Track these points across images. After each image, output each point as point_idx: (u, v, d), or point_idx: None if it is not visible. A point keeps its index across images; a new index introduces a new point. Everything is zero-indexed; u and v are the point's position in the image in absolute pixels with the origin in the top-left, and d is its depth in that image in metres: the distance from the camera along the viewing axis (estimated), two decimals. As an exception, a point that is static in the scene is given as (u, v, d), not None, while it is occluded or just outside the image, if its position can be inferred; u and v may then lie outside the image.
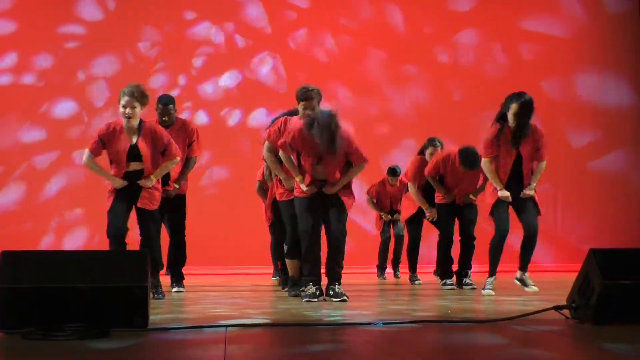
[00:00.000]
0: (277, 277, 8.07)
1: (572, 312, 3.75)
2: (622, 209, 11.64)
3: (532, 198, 6.30)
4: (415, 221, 8.32)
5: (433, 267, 8.72)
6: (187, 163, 6.64)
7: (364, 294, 6.16)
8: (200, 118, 11.73)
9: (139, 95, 5.77)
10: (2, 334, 3.22)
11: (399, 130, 11.83)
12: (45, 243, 10.80)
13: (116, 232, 5.63)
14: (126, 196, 5.70)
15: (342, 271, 5.53)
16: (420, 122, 11.77)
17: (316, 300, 5.21)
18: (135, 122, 5.82)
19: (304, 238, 5.45)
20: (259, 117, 11.82)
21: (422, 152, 8.17)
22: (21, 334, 3.14)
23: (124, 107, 5.73)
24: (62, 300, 3.27)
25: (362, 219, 11.03)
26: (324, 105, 5.93)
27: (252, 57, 12.00)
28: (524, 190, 6.24)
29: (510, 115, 6.36)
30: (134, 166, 5.77)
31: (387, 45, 12.14)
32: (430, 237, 8.68)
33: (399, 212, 9.27)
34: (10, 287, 3.24)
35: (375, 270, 9.67)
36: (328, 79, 11.81)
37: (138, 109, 5.79)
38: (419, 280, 8.24)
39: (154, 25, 11.89)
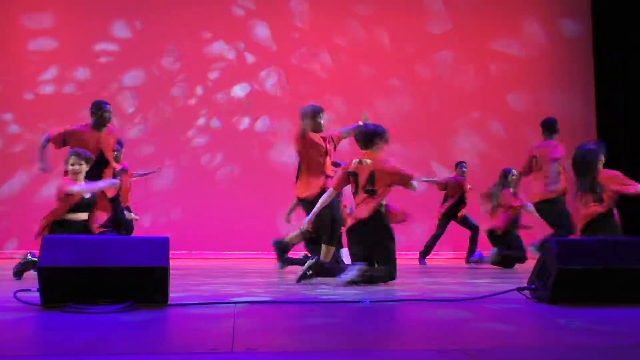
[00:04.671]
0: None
1: (532, 292, 3.77)
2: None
3: None
4: None
5: None
6: None
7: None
8: (215, 123, 11.77)
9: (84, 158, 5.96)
10: (43, 308, 3.23)
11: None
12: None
13: None
14: None
15: None
16: (404, 128, 11.78)
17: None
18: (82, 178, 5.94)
19: None
20: (265, 124, 11.87)
21: None
22: (59, 308, 3.15)
23: (72, 164, 5.90)
24: (94, 279, 3.27)
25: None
26: None
27: (260, 71, 12.02)
28: None
29: None
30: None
31: (375, 62, 12.16)
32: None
33: None
34: (50, 267, 3.24)
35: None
36: (325, 91, 11.82)
37: (85, 167, 5.94)
38: None
39: (176, 44, 11.89)
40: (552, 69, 12.42)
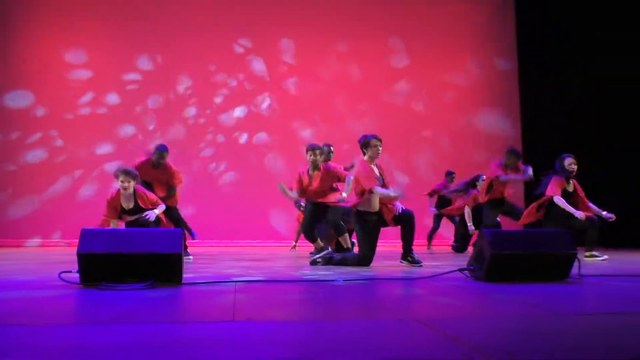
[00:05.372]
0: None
1: (471, 273, 3.80)
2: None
3: None
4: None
5: None
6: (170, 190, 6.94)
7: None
8: (220, 138, 11.74)
9: (132, 176, 5.94)
10: (82, 286, 3.21)
11: (355, 148, 11.85)
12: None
13: None
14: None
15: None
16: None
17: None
18: (130, 191, 5.98)
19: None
20: (260, 138, 11.86)
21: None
22: (95, 286, 3.14)
23: (122, 182, 5.91)
24: (123, 263, 3.26)
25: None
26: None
27: (256, 96, 12.02)
28: None
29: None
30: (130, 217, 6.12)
31: (348, 90, 12.20)
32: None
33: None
34: (88, 254, 3.23)
35: None
36: (308, 113, 11.85)
37: (132, 183, 5.96)
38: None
39: (188, 74, 11.87)
40: (487, 96, 12.54)
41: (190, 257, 6.56)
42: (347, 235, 6.56)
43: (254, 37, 12.16)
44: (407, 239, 5.24)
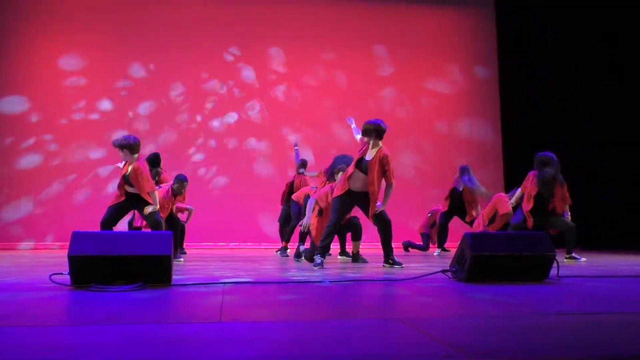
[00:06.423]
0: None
1: (453, 274, 3.79)
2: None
3: None
4: None
5: None
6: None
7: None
8: (210, 143, 11.68)
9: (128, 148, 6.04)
10: (72, 288, 3.17)
11: (341, 152, 11.87)
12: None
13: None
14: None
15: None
16: (355, 148, 11.82)
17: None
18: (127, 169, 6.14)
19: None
20: (250, 143, 11.83)
21: None
22: (85, 288, 3.09)
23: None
24: (113, 264, 3.22)
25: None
26: None
27: (245, 103, 11.98)
28: None
29: None
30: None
31: (334, 97, 12.20)
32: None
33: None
34: (79, 256, 3.18)
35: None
36: (296, 119, 11.84)
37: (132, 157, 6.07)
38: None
39: (180, 81, 11.80)
40: (469, 103, 12.59)
41: (182, 259, 6.51)
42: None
43: (244, 46, 12.13)
44: (387, 243, 5.50)
